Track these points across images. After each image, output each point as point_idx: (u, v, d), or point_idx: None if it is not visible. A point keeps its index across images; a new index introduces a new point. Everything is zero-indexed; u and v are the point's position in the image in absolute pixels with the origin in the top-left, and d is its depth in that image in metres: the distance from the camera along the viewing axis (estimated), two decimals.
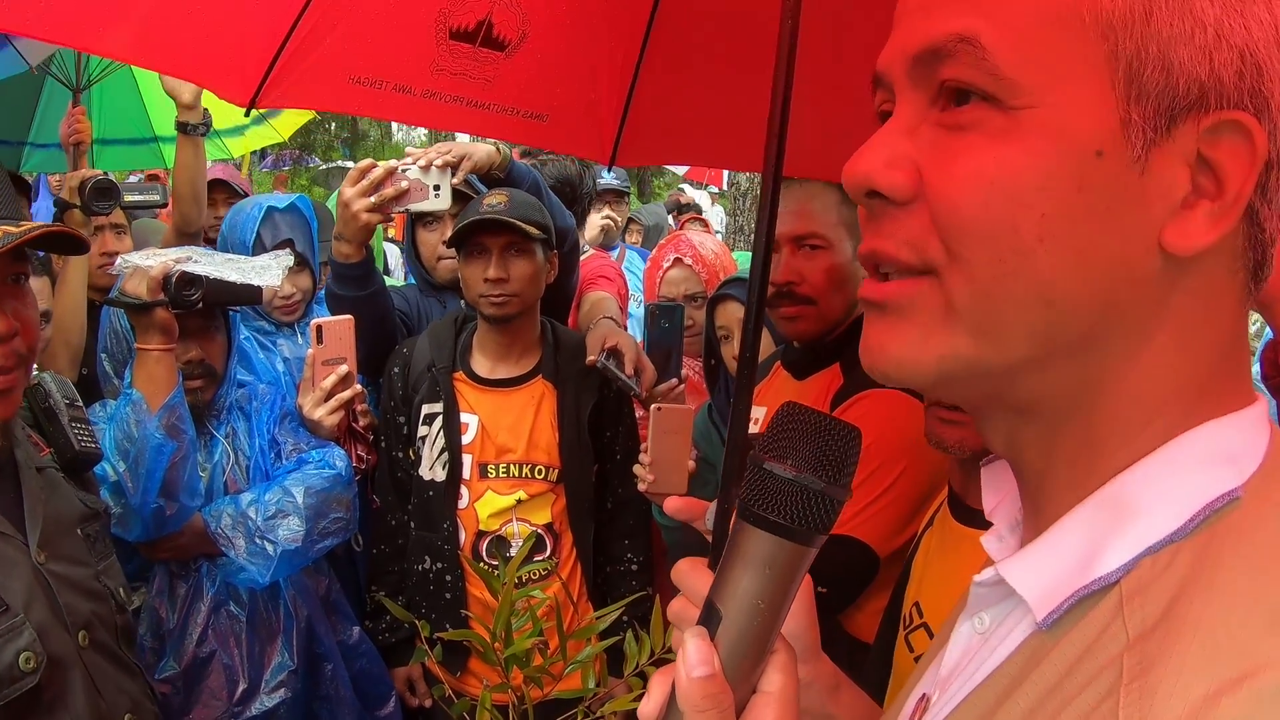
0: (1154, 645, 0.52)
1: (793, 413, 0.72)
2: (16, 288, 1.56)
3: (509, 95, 2.04)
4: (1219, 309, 0.60)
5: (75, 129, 3.66)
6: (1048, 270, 0.58)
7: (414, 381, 2.64)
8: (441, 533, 2.55)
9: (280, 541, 2.23)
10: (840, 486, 0.70)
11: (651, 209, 8.79)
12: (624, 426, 2.72)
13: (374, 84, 1.95)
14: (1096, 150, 0.57)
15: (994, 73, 0.58)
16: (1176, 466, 0.59)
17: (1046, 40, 0.57)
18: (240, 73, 1.89)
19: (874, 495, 1.90)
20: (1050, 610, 0.59)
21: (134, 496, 2.05)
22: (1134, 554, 0.57)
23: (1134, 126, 0.56)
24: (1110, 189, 0.57)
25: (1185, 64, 0.56)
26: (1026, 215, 0.57)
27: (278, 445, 2.46)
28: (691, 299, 3.18)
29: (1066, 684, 0.56)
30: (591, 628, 1.73)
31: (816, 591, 1.82)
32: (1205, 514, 0.56)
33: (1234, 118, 0.56)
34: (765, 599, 0.71)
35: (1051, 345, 0.60)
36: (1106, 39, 0.56)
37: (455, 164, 2.63)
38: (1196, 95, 0.56)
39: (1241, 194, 0.56)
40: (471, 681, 2.53)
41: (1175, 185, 0.57)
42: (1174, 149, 0.56)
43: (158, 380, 2.11)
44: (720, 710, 0.69)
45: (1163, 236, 0.57)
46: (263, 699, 2.28)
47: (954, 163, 0.60)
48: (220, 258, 2.32)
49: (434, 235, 3.05)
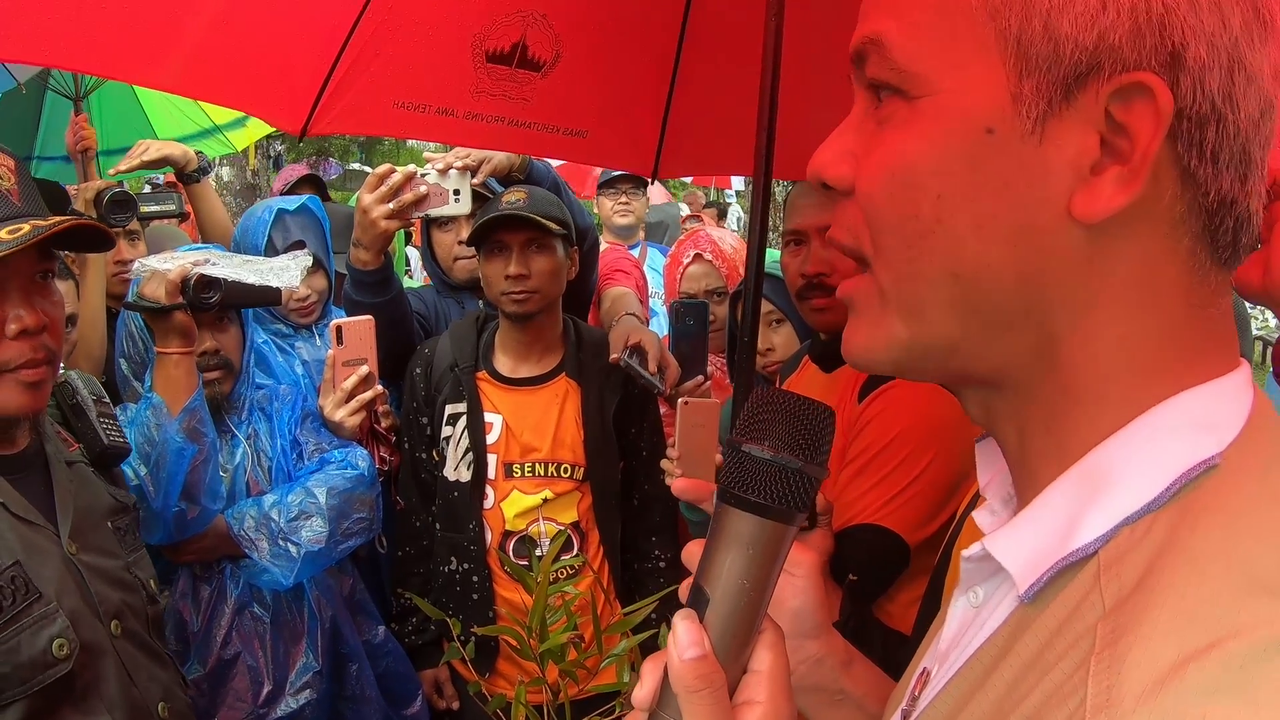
0: (1126, 614, 0.52)
1: (766, 396, 0.74)
2: (45, 284, 1.59)
3: (548, 113, 2.11)
4: (1162, 278, 0.59)
5: (81, 137, 3.67)
6: (950, 247, 0.60)
7: (437, 382, 2.62)
8: (467, 533, 2.53)
9: (303, 543, 2.23)
10: (817, 464, 0.72)
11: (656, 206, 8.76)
12: (648, 423, 2.69)
13: (418, 108, 2.03)
14: (987, 128, 0.58)
15: (895, 67, 0.61)
16: (1153, 435, 0.59)
17: (941, 30, 0.60)
18: (290, 102, 1.97)
19: (904, 484, 1.88)
20: (1032, 582, 0.60)
21: (155, 500, 2.05)
22: (1112, 524, 0.57)
23: (1025, 101, 0.57)
24: (1004, 164, 0.58)
25: (1070, 33, 0.56)
26: (924, 198, 0.60)
27: (299, 446, 2.45)
28: (712, 294, 3.16)
29: (1046, 655, 0.56)
30: (625, 622, 1.71)
31: (847, 579, 1.82)
32: (1182, 482, 0.56)
33: (1135, 79, 0.55)
34: (750, 579, 0.72)
35: (978, 319, 0.62)
36: (994, 19, 0.58)
37: (474, 168, 2.61)
38: (1089, 62, 0.56)
39: (1147, 154, 0.56)
40: (500, 683, 2.50)
41: (1083, 153, 0.57)
42: (1076, 118, 0.57)
43: (177, 383, 2.11)
44: (713, 690, 0.70)
45: (1071, 205, 0.57)
46: (288, 700, 2.27)
47: (869, 155, 0.64)
48: (238, 259, 2.31)
49: (449, 236, 3.04)
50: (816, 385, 2.14)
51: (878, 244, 0.64)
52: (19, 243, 1.45)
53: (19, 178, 1.56)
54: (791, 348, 2.63)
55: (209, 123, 5.20)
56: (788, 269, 2.11)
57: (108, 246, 1.70)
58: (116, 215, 2.89)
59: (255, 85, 1.90)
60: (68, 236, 1.56)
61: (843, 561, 1.84)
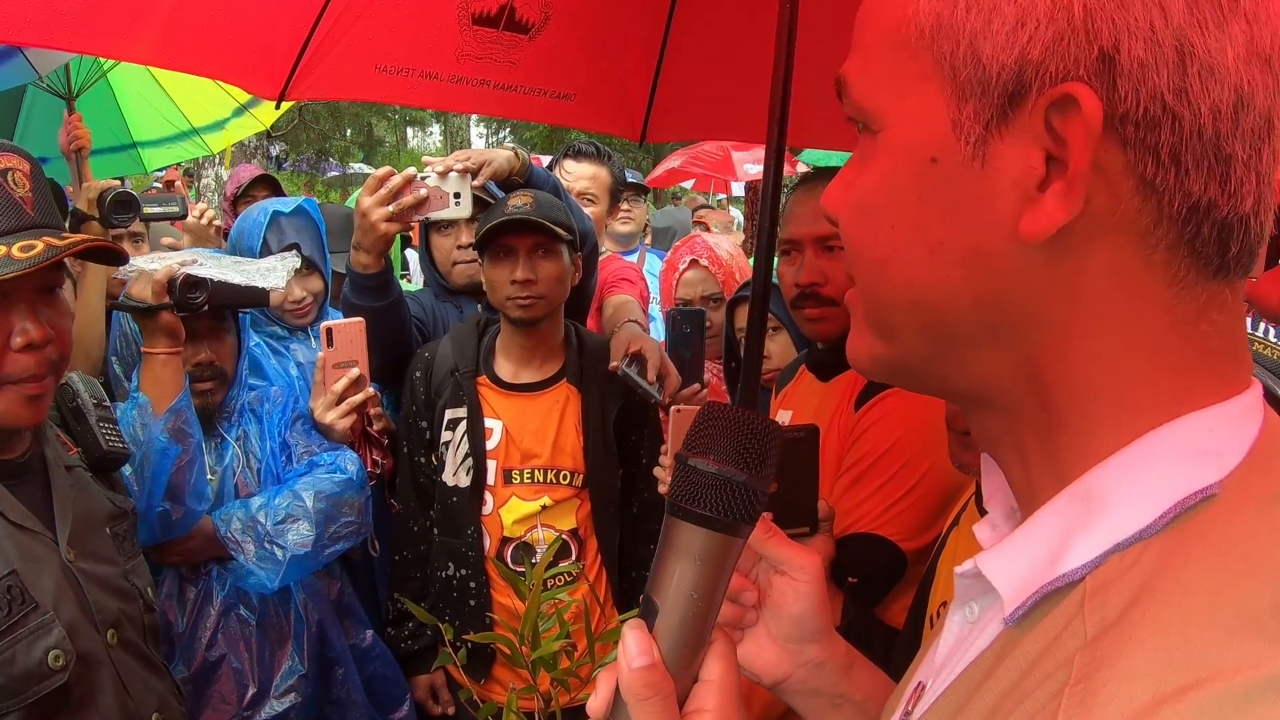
0: (1106, 646, 0.50)
1: (713, 411, 0.76)
2: (52, 297, 1.58)
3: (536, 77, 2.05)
4: (1142, 294, 0.56)
5: (75, 136, 3.67)
6: (905, 275, 0.62)
7: (436, 386, 2.60)
8: (465, 539, 2.51)
9: (290, 546, 2.20)
10: (762, 478, 0.74)
11: (667, 212, 8.76)
12: (649, 430, 2.67)
13: (400, 71, 1.98)
14: (931, 158, 0.59)
15: (856, 105, 0.64)
16: (1150, 460, 0.56)
17: (887, 65, 0.61)
18: (267, 68, 1.92)
19: (901, 492, 1.88)
20: (1016, 606, 0.58)
21: (140, 500, 2.02)
22: (1102, 550, 0.55)
23: (963, 126, 0.57)
24: (949, 192, 0.58)
25: (991, 54, 0.55)
26: (879, 229, 0.63)
27: (289, 448, 2.42)
28: (708, 300, 3.16)
29: (1025, 682, 0.55)
30: (619, 630, 1.68)
31: (846, 581, 1.81)
32: (1177, 510, 0.54)
33: (1062, 91, 0.53)
34: (698, 590, 0.74)
35: (945, 341, 0.63)
36: (930, 48, 0.58)
37: (475, 170, 2.58)
38: (1017, 81, 0.55)
39: (1079, 167, 0.53)
40: (495, 689, 2.49)
41: (1027, 174, 0.55)
42: (1018, 137, 0.55)
43: (164, 383, 2.10)
44: (661, 697, 0.72)
45: (1019, 226, 0.56)
46: (273, 703, 2.25)
47: (844, 190, 0.67)
48: (226, 260, 2.30)
49: (448, 240, 3.01)
50: (814, 394, 2.14)
51: (853, 270, 0.67)
52: (33, 263, 1.44)
53: (34, 183, 1.55)
54: (788, 356, 2.62)
55: (186, 125, 5.18)
56: (783, 278, 2.11)
57: (120, 263, 1.70)
58: (119, 216, 2.89)
59: (230, 52, 1.86)
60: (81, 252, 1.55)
61: (843, 568, 1.83)
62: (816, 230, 2.01)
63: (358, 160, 23.15)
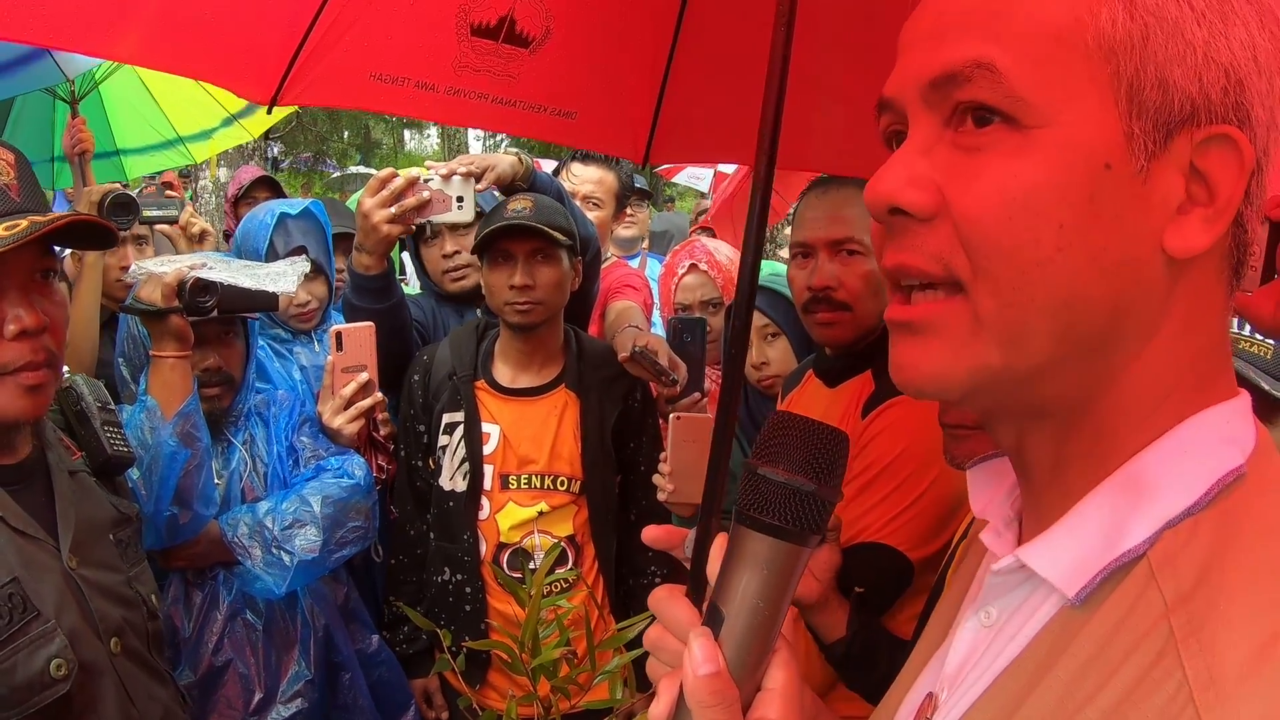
0: (1199, 606, 0.57)
1: (783, 420, 0.77)
2: (45, 284, 1.55)
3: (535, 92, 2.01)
4: (1209, 307, 0.66)
5: (78, 139, 3.66)
6: (1067, 276, 0.63)
7: (435, 390, 2.60)
8: (462, 544, 2.51)
9: (297, 551, 2.21)
10: (830, 487, 0.75)
11: (664, 216, 8.75)
12: (647, 437, 2.67)
13: (396, 81, 1.93)
14: (1105, 163, 0.62)
15: (1011, 94, 0.63)
16: (1189, 447, 0.64)
17: (1056, 63, 0.63)
18: (259, 72, 1.87)
19: (907, 501, 1.87)
20: (1083, 585, 0.63)
21: (147, 504, 2.02)
22: (1156, 528, 0.62)
23: (1136, 140, 0.62)
24: (1118, 198, 0.62)
25: (1179, 83, 0.62)
26: (1045, 226, 0.62)
27: (296, 452, 2.43)
28: (707, 305, 3.16)
29: (1107, 652, 0.60)
30: (619, 637, 1.70)
31: (853, 590, 1.82)
32: (1218, 489, 0.62)
33: (1223, 131, 0.62)
34: (765, 598, 0.75)
35: (1070, 347, 0.65)
36: (1109, 61, 0.62)
37: (478, 175, 2.59)
38: (1189, 111, 0.62)
39: (1232, 201, 0.62)
40: (491, 695, 2.49)
41: (1172, 194, 0.63)
42: (1171, 161, 0.62)
43: (173, 387, 2.09)
44: (726, 706, 0.73)
45: (1164, 241, 0.63)
46: (279, 708, 2.25)
47: (975, 181, 0.64)
48: (236, 264, 2.30)
49: (434, 250, 3.01)
50: (820, 400, 2.13)
51: (981, 269, 0.65)
52: (17, 238, 1.40)
53: (18, 172, 1.52)
54: (787, 362, 2.62)
55: (172, 134, 5.16)
56: (794, 282, 2.10)
57: (110, 243, 1.66)
58: (118, 218, 2.89)
59: (221, 54, 1.81)
60: (69, 233, 1.52)
61: (849, 577, 1.84)
62: (831, 234, 2.01)
63: (355, 163, 23.10)
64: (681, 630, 0.82)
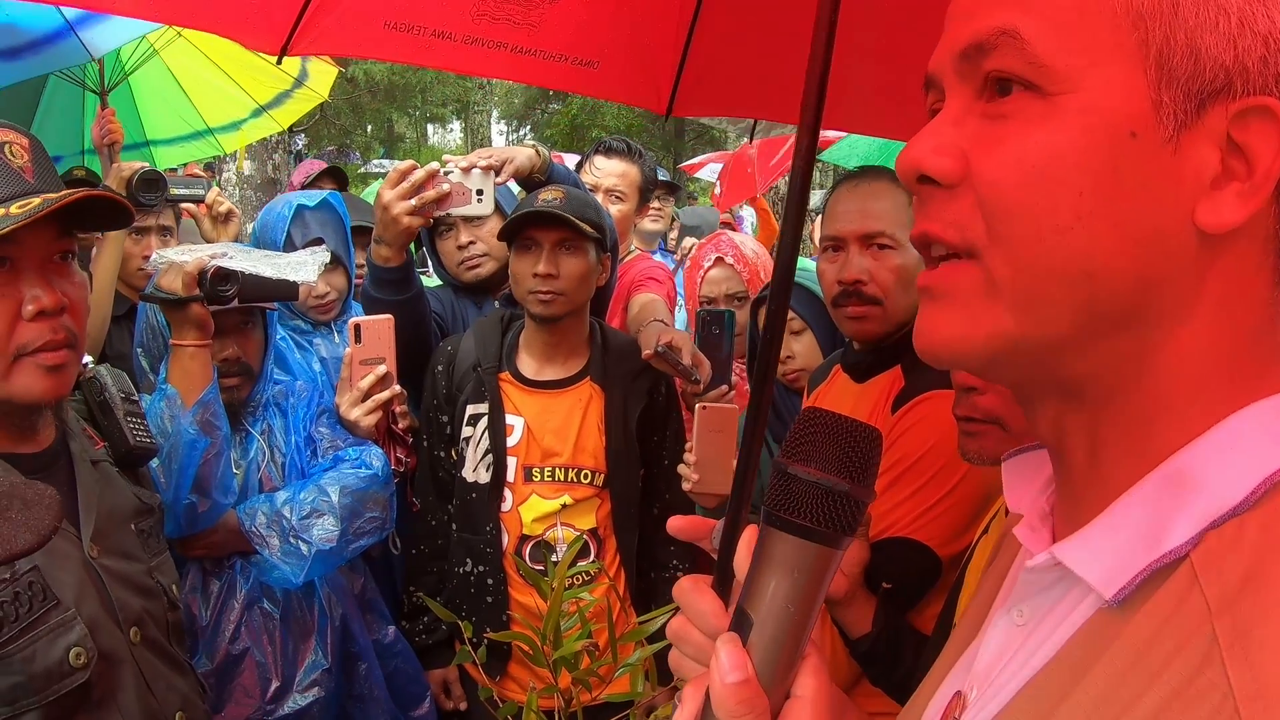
0: (1246, 611, 0.54)
1: (815, 417, 0.73)
2: (64, 265, 1.54)
3: (556, 41, 1.96)
4: (1252, 290, 0.62)
5: (108, 130, 3.69)
6: (1087, 245, 0.61)
7: (459, 381, 2.58)
8: (484, 535, 2.50)
9: (315, 541, 2.20)
10: (864, 487, 0.71)
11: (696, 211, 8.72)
12: (671, 431, 2.65)
13: (411, 29, 1.87)
14: (1130, 131, 0.60)
15: (1034, 61, 0.62)
16: (1234, 442, 0.61)
17: (1081, 29, 0.61)
18: (268, 21, 1.81)
19: (937, 497, 1.86)
20: (1122, 586, 0.60)
21: (166, 492, 2.02)
22: (1199, 528, 0.58)
23: (1165, 109, 0.59)
24: (1144, 167, 0.60)
25: (1211, 51, 0.59)
26: (1066, 193, 0.61)
27: (314, 443, 2.42)
28: (733, 299, 3.14)
29: (1149, 656, 0.57)
30: (640, 630, 1.68)
31: (881, 586, 1.80)
32: (1266, 487, 0.58)
33: (1262, 103, 0.59)
34: (795, 603, 0.72)
35: (1093, 320, 0.63)
36: (1137, 28, 0.60)
37: (498, 168, 2.58)
38: (1223, 81, 0.59)
39: (1270, 174, 0.59)
40: (511, 686, 2.48)
41: (1205, 166, 0.60)
42: (1204, 132, 0.60)
43: (193, 376, 2.08)
44: (755, 715, 0.71)
45: (1195, 214, 0.60)
46: (295, 697, 2.25)
47: (997, 147, 0.64)
48: (257, 254, 2.29)
49: (448, 243, 3.00)
50: (848, 395, 2.11)
51: (999, 234, 0.63)
52: (28, 215, 1.39)
53: (33, 155, 1.51)
54: (812, 357, 2.60)
55: (202, 125, 5.20)
56: (824, 275, 2.08)
57: (126, 221, 1.62)
58: (146, 194, 2.91)
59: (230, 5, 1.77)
60: (84, 212, 1.50)
61: (877, 572, 1.82)
62: (862, 228, 1.99)
63: (378, 156, 23.18)
64: (705, 622, 0.80)
